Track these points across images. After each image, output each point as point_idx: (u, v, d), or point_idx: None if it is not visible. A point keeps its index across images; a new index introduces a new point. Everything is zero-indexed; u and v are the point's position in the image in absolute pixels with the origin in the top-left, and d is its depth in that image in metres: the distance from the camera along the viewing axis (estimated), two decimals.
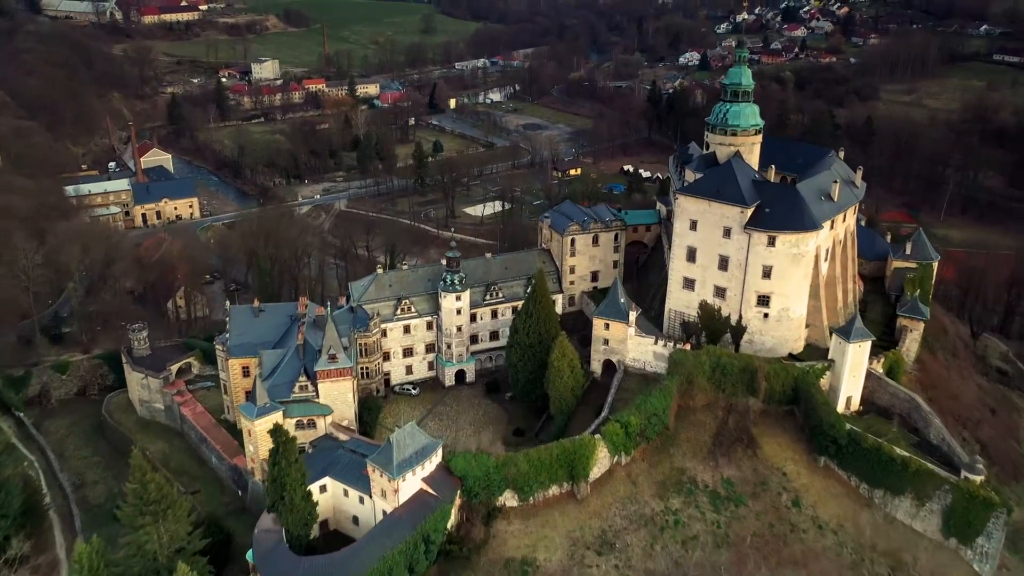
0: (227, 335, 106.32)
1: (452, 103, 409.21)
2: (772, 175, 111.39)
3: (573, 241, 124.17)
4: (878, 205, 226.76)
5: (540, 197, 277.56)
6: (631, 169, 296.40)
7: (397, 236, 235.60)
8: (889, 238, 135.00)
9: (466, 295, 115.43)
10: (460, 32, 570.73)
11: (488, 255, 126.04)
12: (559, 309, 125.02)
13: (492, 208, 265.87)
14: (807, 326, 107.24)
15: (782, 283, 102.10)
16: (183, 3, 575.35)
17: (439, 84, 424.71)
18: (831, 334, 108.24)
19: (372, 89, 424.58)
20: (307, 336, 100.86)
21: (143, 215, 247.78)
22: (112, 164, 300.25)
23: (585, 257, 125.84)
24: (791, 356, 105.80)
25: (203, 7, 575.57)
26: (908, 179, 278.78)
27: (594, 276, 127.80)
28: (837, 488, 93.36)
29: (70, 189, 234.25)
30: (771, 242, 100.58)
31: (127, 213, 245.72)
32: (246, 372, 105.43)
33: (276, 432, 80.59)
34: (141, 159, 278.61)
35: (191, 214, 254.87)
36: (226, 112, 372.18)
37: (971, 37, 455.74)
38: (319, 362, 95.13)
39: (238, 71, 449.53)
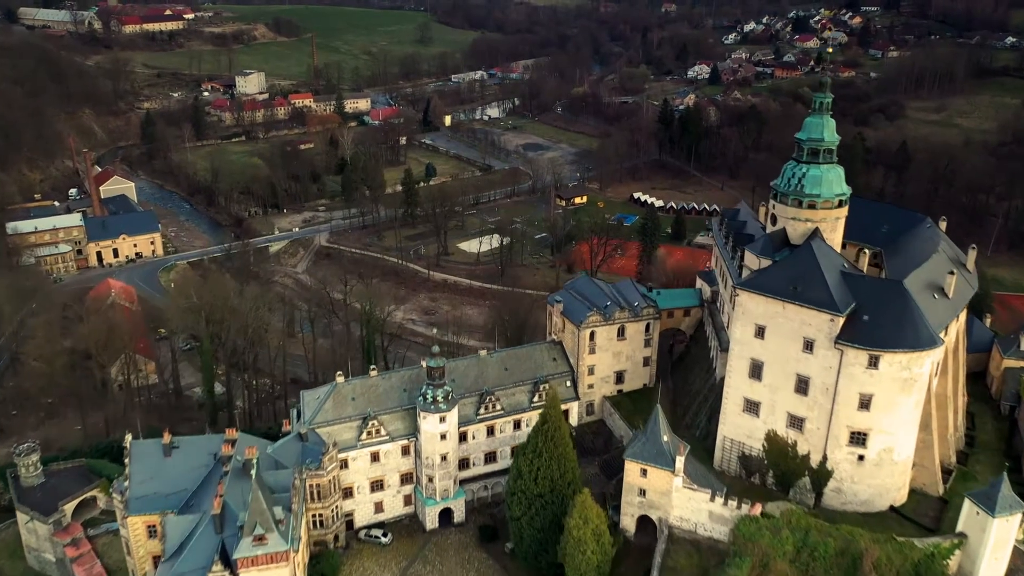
0: (125, 482, 78.14)
1: (447, 120, 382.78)
2: (865, 263, 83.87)
3: (592, 335, 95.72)
4: None
5: (542, 230, 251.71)
6: (644, 198, 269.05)
7: (380, 280, 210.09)
8: (988, 321, 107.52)
9: (453, 413, 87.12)
10: (457, 42, 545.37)
11: (483, 352, 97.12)
12: (574, 420, 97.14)
13: (489, 243, 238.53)
14: (912, 466, 79.61)
15: (886, 416, 74.33)
16: (167, 12, 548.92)
17: (433, 99, 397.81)
18: (943, 476, 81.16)
19: (362, 104, 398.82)
20: (230, 491, 72.69)
21: (98, 253, 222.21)
22: (73, 191, 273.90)
23: (608, 354, 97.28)
24: (892, 509, 78.33)
25: (189, 16, 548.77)
26: (948, 210, 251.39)
27: (619, 377, 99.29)
28: None
29: (11, 227, 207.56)
30: (873, 363, 72.75)
31: (80, 252, 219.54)
32: (152, 532, 77.58)
33: None
34: (100, 188, 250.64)
35: (153, 251, 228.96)
36: (204, 130, 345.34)
37: (997, 50, 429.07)
38: (240, 546, 66.94)
39: (221, 84, 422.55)
